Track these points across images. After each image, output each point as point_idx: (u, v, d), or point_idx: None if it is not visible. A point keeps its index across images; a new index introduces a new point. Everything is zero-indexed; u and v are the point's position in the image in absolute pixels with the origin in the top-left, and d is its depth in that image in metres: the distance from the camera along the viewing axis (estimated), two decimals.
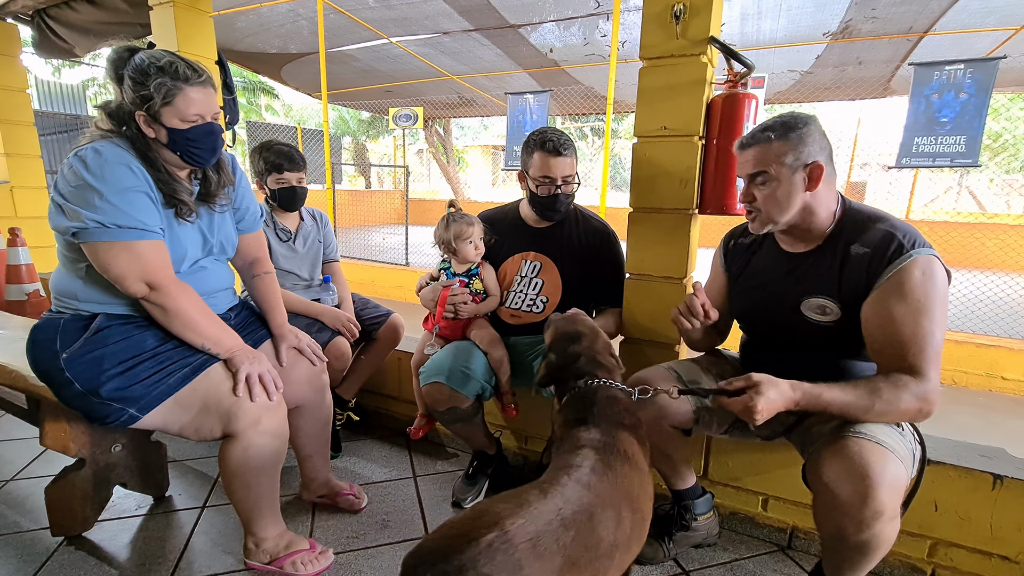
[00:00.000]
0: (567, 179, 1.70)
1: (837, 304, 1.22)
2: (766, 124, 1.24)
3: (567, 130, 19.16)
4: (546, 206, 1.74)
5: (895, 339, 1.12)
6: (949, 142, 4.22)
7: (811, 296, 1.26)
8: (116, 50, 1.24)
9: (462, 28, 6.31)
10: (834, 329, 1.24)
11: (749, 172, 1.25)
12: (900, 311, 1.11)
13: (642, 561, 1.53)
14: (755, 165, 1.24)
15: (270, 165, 1.97)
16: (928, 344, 1.10)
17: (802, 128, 1.20)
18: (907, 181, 8.38)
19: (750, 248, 1.45)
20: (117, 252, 1.19)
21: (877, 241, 1.17)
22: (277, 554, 1.42)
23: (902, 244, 1.13)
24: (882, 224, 1.19)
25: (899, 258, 1.13)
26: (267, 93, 17.78)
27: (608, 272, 1.80)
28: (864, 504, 1.02)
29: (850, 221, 1.24)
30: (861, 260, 1.18)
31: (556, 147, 1.65)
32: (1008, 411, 3.53)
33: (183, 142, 1.25)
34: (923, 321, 1.10)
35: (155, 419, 1.27)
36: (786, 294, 1.31)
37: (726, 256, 1.51)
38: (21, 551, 1.52)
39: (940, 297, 1.11)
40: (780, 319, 1.33)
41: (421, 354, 1.84)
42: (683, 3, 1.52)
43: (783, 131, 1.20)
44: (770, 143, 1.21)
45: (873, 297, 1.16)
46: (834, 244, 1.24)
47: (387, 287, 6.32)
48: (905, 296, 1.11)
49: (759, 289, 1.39)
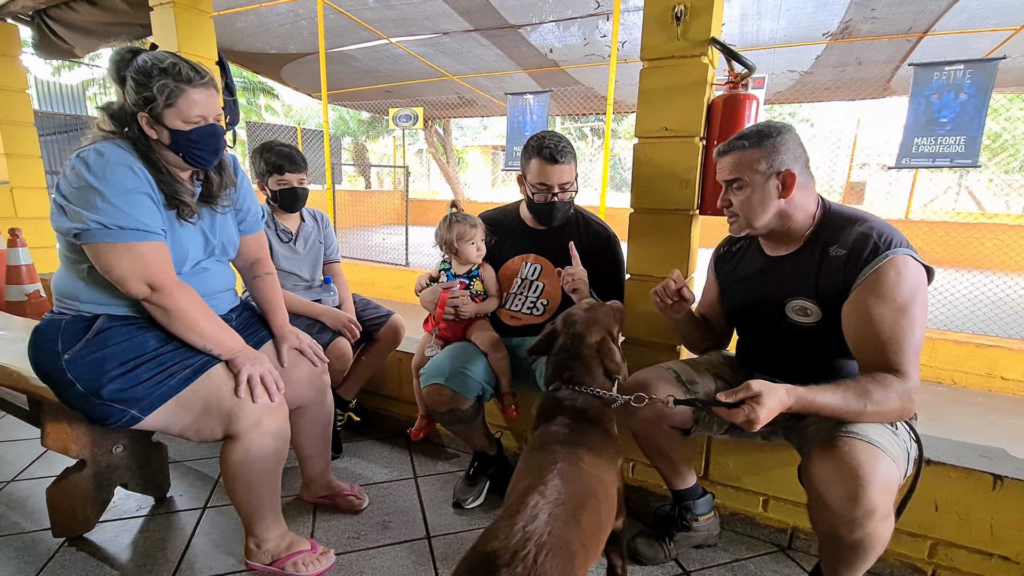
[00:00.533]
0: (564, 187, 1.68)
1: (817, 305, 1.24)
2: (743, 132, 1.27)
3: (567, 130, 19.21)
4: (543, 213, 1.73)
5: (875, 339, 1.13)
6: (949, 142, 4.23)
7: (792, 298, 1.28)
8: (118, 51, 1.24)
9: (462, 28, 6.31)
10: (816, 330, 1.26)
11: (726, 178, 1.30)
12: (878, 311, 1.12)
13: (643, 561, 1.54)
14: (731, 172, 1.27)
15: (271, 166, 1.97)
16: (907, 343, 1.11)
17: (776, 137, 1.23)
18: (906, 181, 8.40)
19: (738, 253, 1.48)
20: (119, 253, 1.19)
21: (852, 242, 1.18)
22: (278, 555, 1.42)
23: (877, 245, 1.15)
24: (860, 226, 1.20)
25: (874, 259, 1.14)
26: (267, 93, 17.77)
27: (608, 273, 1.80)
28: (855, 503, 1.03)
29: (829, 223, 1.26)
30: (838, 262, 1.20)
31: (553, 155, 1.63)
32: (1008, 411, 3.53)
33: (185, 143, 1.25)
34: (901, 321, 1.11)
35: (156, 420, 1.28)
36: (770, 296, 1.33)
37: (717, 262, 1.55)
38: (22, 552, 1.52)
39: (918, 296, 1.12)
40: (767, 320, 1.35)
41: (421, 355, 1.84)
42: (684, 4, 1.52)
43: (757, 139, 1.23)
44: (744, 151, 1.24)
45: (851, 298, 1.17)
46: (812, 246, 1.27)
47: (387, 287, 6.32)
48: (883, 296, 1.12)
49: (745, 291, 1.42)
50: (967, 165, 4.27)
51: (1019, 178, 13.51)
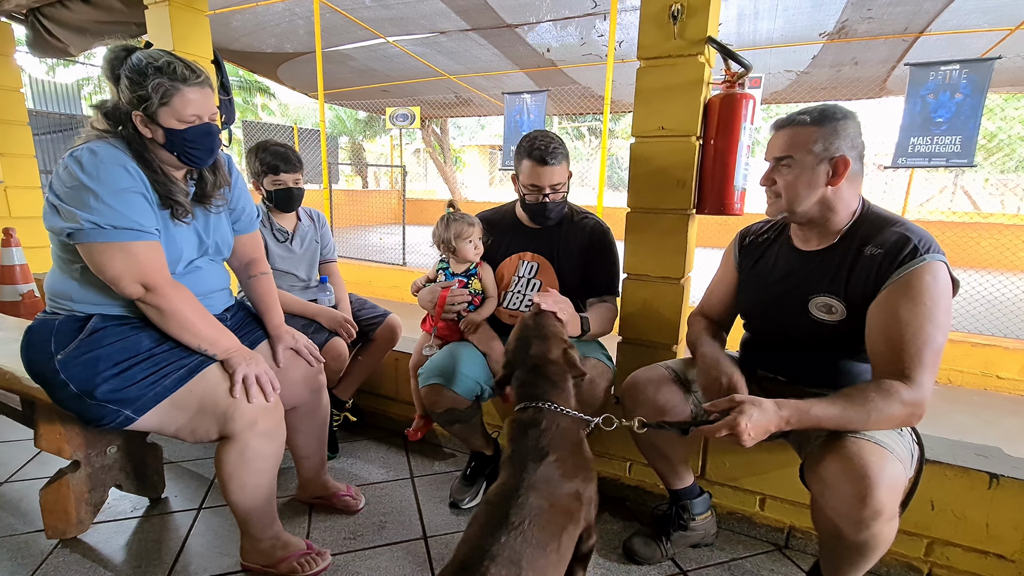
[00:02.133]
0: (555, 187, 1.67)
1: (843, 303, 1.22)
2: (805, 109, 1.22)
3: (564, 130, 19.19)
4: (535, 213, 1.73)
5: (895, 340, 1.11)
6: (945, 142, 4.25)
7: (818, 294, 1.25)
8: (113, 49, 1.23)
9: (459, 28, 6.30)
10: (838, 329, 1.23)
11: (776, 155, 1.24)
12: (905, 313, 1.10)
13: (640, 561, 1.54)
14: (784, 148, 1.22)
15: (266, 166, 1.96)
16: (927, 348, 1.08)
17: (839, 120, 1.18)
18: (903, 180, 8.41)
19: (764, 244, 1.44)
20: (112, 253, 1.18)
21: (891, 243, 1.16)
22: (274, 555, 1.41)
23: (916, 248, 1.13)
24: (898, 227, 1.18)
25: (912, 261, 1.12)
26: (263, 92, 17.73)
27: (602, 267, 1.77)
28: (863, 504, 1.02)
29: (866, 222, 1.24)
30: (872, 260, 1.17)
31: (543, 156, 1.62)
32: (1003, 410, 3.54)
33: (180, 143, 1.25)
34: (926, 325, 1.08)
35: (151, 421, 1.27)
36: (795, 291, 1.30)
37: (740, 252, 1.49)
38: (15, 554, 1.51)
39: (945, 304, 1.11)
40: (787, 316, 1.32)
41: (419, 355, 1.83)
42: (681, 3, 1.52)
43: (819, 118, 1.19)
44: (804, 127, 1.20)
45: (881, 297, 1.15)
46: (847, 244, 1.24)
47: (384, 287, 6.31)
48: (913, 299, 1.10)
49: (769, 285, 1.38)
50: (963, 165, 4.29)
51: (1015, 178, 13.57)
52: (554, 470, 1.02)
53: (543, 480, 1.00)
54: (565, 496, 1.02)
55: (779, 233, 1.41)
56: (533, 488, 0.98)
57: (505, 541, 0.88)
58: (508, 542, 0.88)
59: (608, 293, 1.78)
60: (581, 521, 1.05)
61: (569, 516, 1.01)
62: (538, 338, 1.26)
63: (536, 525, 0.93)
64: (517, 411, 1.17)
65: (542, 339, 1.26)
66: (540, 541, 0.92)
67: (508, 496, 0.97)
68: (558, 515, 0.98)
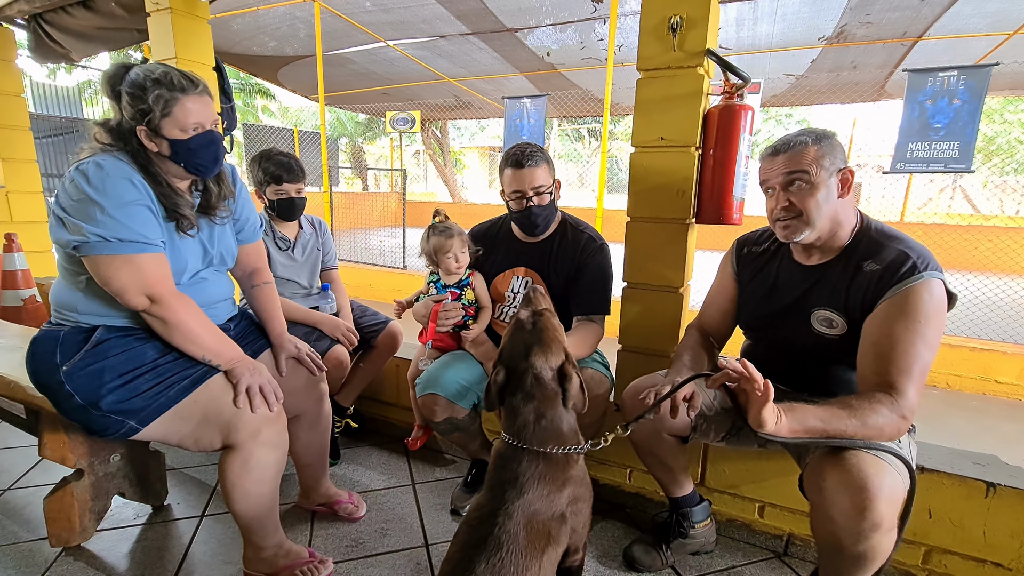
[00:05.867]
0: (537, 190, 1.65)
1: (843, 318, 1.24)
2: (798, 132, 1.26)
3: (564, 131, 19.14)
4: (523, 220, 1.71)
5: (884, 354, 1.13)
6: (943, 147, 4.26)
7: (820, 308, 1.28)
8: (111, 68, 1.25)
9: (459, 32, 6.31)
10: (840, 343, 1.25)
11: (784, 176, 1.25)
12: (899, 328, 1.12)
13: (640, 568, 1.55)
14: (795, 165, 1.23)
15: (269, 176, 1.97)
16: (915, 364, 1.11)
17: (831, 138, 1.24)
18: (902, 183, 8.44)
19: (763, 256, 1.45)
20: (118, 265, 1.19)
21: (890, 260, 1.18)
22: (277, 563, 1.42)
23: (915, 265, 1.15)
24: (898, 244, 1.20)
25: (910, 277, 1.14)
26: (263, 95, 17.72)
27: (587, 279, 1.70)
28: (862, 516, 1.03)
29: (866, 238, 1.26)
30: (871, 276, 1.20)
31: (519, 160, 1.63)
32: (1001, 415, 3.55)
33: (185, 152, 1.26)
34: (918, 342, 1.11)
35: (155, 431, 1.28)
36: (797, 305, 1.32)
37: (738, 262, 1.50)
38: (19, 562, 1.52)
39: (937, 324, 1.13)
40: (789, 329, 1.34)
41: (417, 367, 1.84)
42: (680, 16, 1.53)
43: (816, 138, 1.23)
44: (807, 147, 1.23)
45: (877, 311, 1.17)
46: (848, 258, 1.26)
47: (384, 290, 6.31)
48: (908, 315, 1.12)
49: (770, 298, 1.40)
50: (961, 170, 4.30)
51: (1014, 179, 13.58)
52: (534, 499, 1.03)
53: (521, 509, 1.00)
54: (546, 520, 1.02)
55: (779, 245, 1.42)
56: (509, 516, 0.99)
57: (484, 568, 0.90)
58: (486, 569, 0.91)
59: (594, 312, 1.71)
60: (562, 541, 1.05)
61: (548, 539, 1.01)
62: (538, 344, 1.13)
63: (513, 552, 0.94)
64: (502, 441, 1.12)
65: (542, 347, 1.13)
66: (518, 566, 0.94)
67: (485, 521, 0.99)
68: (537, 539, 0.99)
